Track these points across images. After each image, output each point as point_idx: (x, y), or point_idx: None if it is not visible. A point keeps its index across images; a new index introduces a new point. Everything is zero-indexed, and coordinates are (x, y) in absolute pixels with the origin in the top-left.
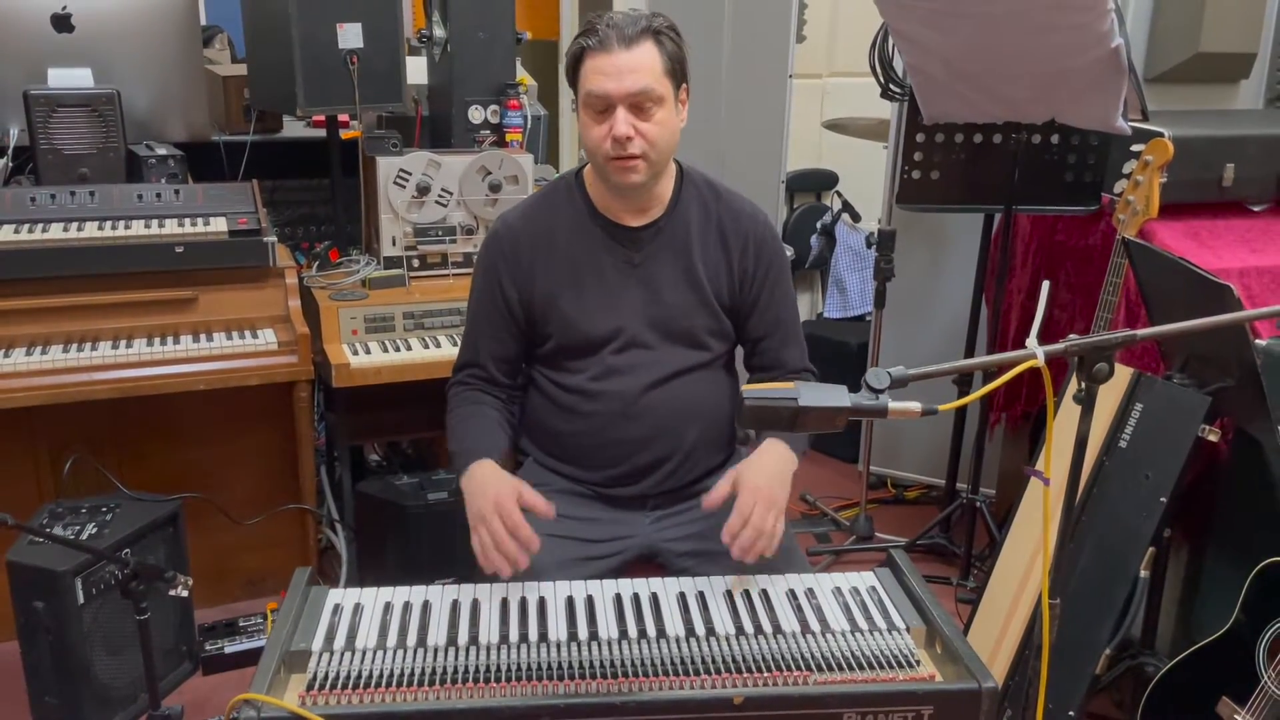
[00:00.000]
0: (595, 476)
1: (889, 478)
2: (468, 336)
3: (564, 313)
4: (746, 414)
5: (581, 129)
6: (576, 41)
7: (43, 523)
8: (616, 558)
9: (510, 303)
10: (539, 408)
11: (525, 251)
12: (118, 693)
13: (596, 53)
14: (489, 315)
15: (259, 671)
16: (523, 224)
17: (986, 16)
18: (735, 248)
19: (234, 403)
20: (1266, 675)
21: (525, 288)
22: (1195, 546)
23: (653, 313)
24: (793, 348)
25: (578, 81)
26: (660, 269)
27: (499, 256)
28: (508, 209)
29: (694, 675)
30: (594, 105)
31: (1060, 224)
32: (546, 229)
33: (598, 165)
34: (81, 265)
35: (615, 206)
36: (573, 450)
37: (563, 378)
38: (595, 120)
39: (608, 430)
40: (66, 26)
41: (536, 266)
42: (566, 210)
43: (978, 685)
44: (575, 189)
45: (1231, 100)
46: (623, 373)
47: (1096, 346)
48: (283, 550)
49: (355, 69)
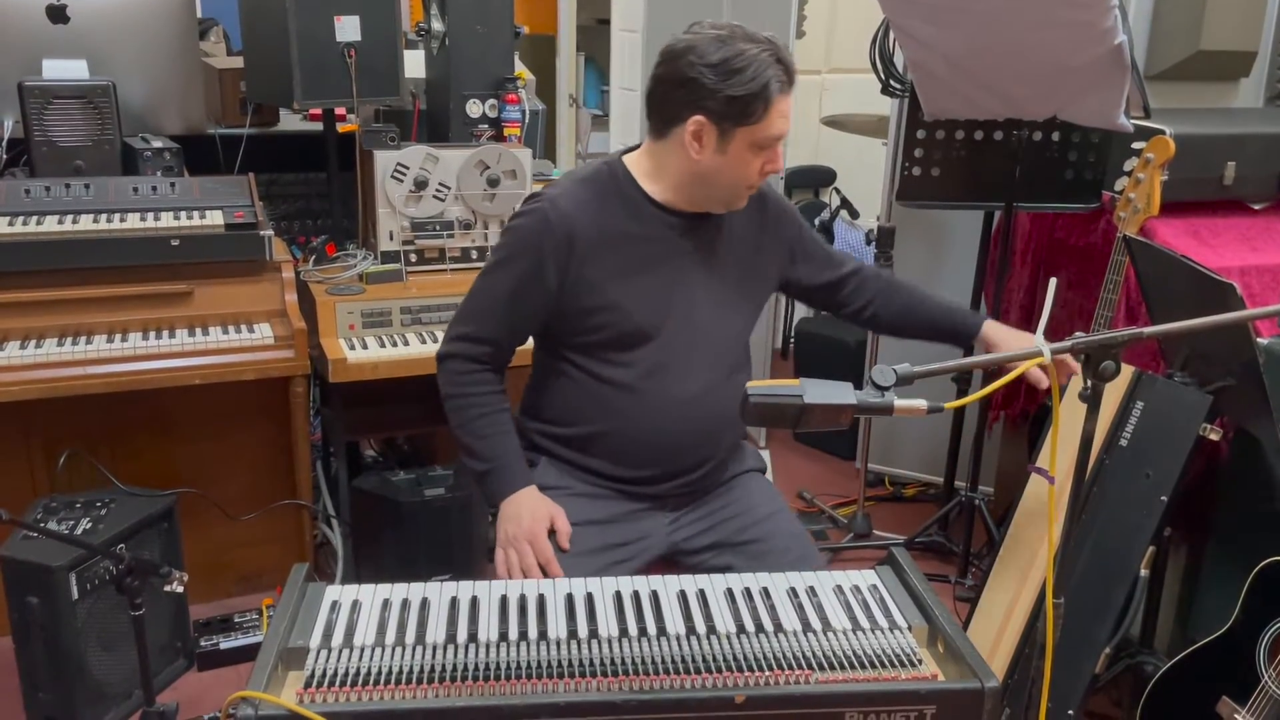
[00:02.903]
0: (625, 474)
1: (887, 475)
2: (480, 310)
3: (618, 303)
4: (751, 411)
5: (732, 164)
6: (770, 79)
7: (37, 518)
8: (636, 560)
9: (548, 289)
10: (571, 400)
11: (579, 240)
12: (112, 689)
13: (785, 92)
14: (517, 295)
15: (256, 669)
16: (576, 211)
17: (989, 12)
18: (779, 228)
19: (229, 398)
20: (1267, 675)
21: (573, 276)
22: (1195, 545)
23: (705, 304)
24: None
25: (758, 120)
26: (714, 259)
27: (547, 241)
28: (551, 192)
29: (695, 674)
30: (766, 145)
31: (1061, 221)
32: (600, 217)
33: (727, 191)
34: (76, 258)
35: (677, 199)
36: (605, 446)
37: (607, 370)
38: (756, 156)
39: (650, 429)
40: (62, 18)
41: (590, 255)
42: (620, 200)
43: (980, 685)
44: (624, 178)
45: (1232, 98)
46: (672, 370)
47: (1103, 344)
48: (278, 546)
49: (353, 62)
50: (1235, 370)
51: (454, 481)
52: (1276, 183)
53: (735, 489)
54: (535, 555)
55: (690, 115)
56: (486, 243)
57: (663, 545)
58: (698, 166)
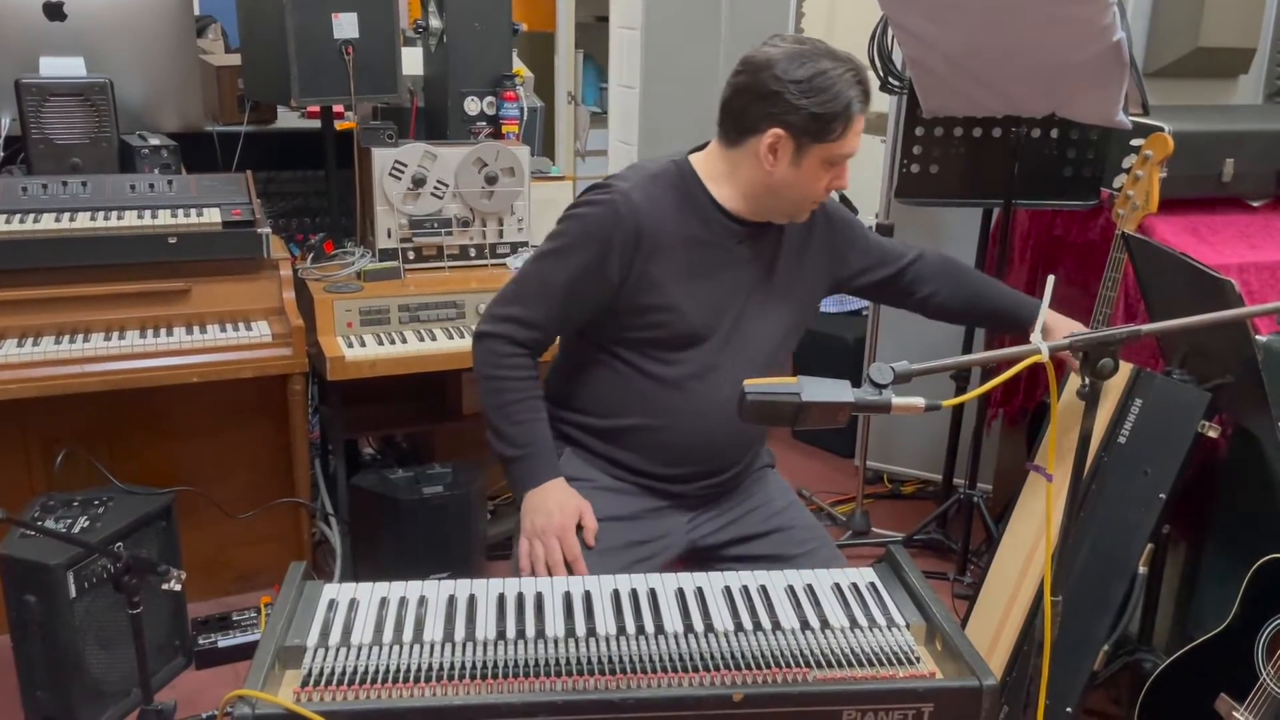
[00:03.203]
0: (655, 469)
1: (885, 473)
2: (533, 294)
3: (677, 304)
4: (749, 409)
5: (803, 178)
6: (852, 98)
7: (34, 516)
8: (658, 558)
9: (609, 282)
10: (609, 391)
11: (647, 236)
12: (110, 687)
13: (863, 113)
14: (577, 284)
15: (253, 667)
16: (647, 206)
17: (988, 10)
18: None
19: (227, 396)
20: (1265, 672)
21: (636, 272)
22: (1194, 543)
23: (756, 311)
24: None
25: (836, 138)
26: (770, 268)
27: (616, 233)
28: (622, 185)
29: (693, 672)
30: (837, 162)
31: (1059, 219)
32: (669, 216)
33: (793, 203)
34: (73, 256)
35: (741, 207)
36: (640, 440)
37: (652, 367)
38: (826, 172)
39: (689, 429)
40: (59, 15)
41: (655, 253)
42: (688, 201)
43: (978, 683)
44: (691, 179)
45: (1230, 95)
46: (717, 373)
47: (1102, 342)
48: (276, 544)
49: (350, 59)
50: (1234, 367)
51: (452, 479)
52: (1275, 180)
53: (750, 486)
54: (563, 551)
55: (769, 128)
56: (484, 240)
57: (682, 543)
58: (769, 178)
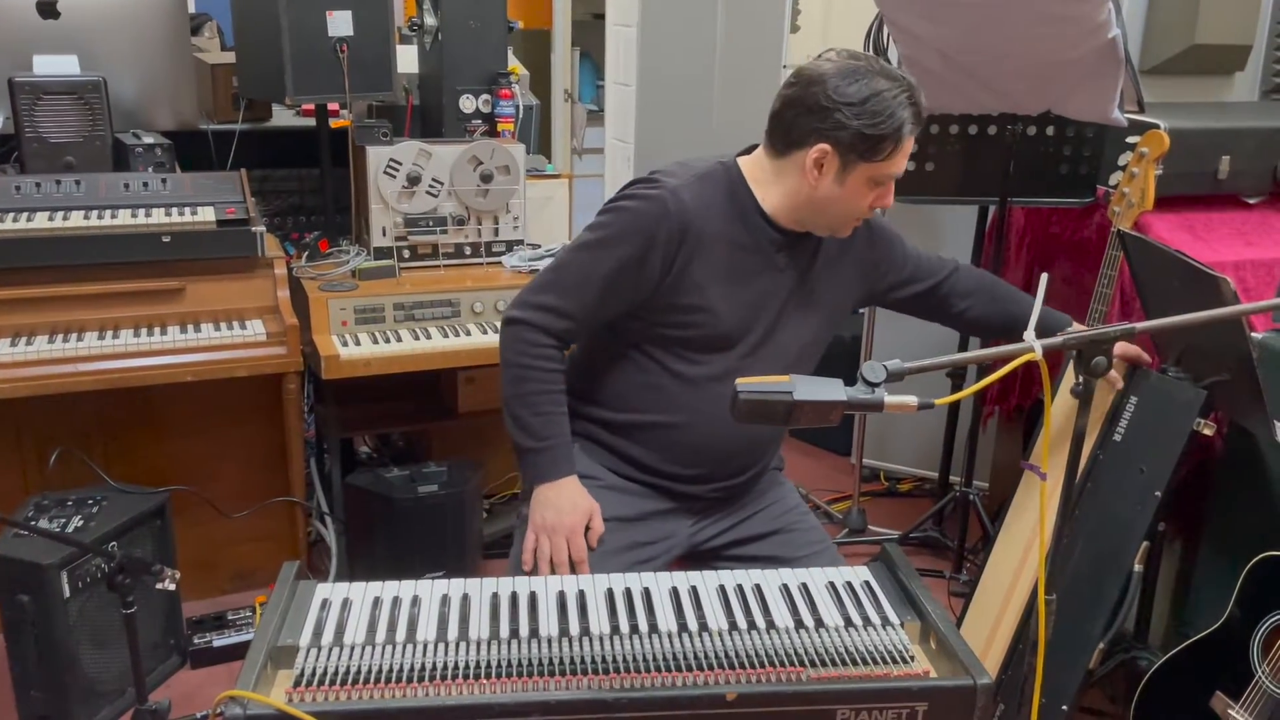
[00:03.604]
0: (667, 468)
1: (882, 470)
2: (571, 285)
3: (713, 307)
4: (741, 408)
5: (847, 195)
6: (904, 120)
7: (28, 516)
8: (660, 560)
9: (650, 278)
10: (629, 386)
11: (692, 235)
12: (104, 686)
13: (913, 134)
14: (617, 277)
15: (245, 667)
16: (696, 205)
17: (982, 7)
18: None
19: (222, 394)
20: (1261, 670)
21: (677, 270)
22: (1189, 540)
23: (787, 320)
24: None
25: (884, 158)
26: (805, 278)
27: (663, 229)
28: (670, 181)
29: (686, 671)
30: (883, 181)
31: (1055, 216)
32: (715, 217)
33: (837, 218)
34: (67, 255)
35: (784, 216)
36: (656, 437)
37: (679, 366)
38: (871, 190)
39: (708, 431)
40: (52, 13)
41: (698, 254)
42: (733, 202)
43: (972, 681)
44: (739, 183)
45: (1227, 92)
46: (745, 376)
47: (1095, 340)
48: (271, 543)
49: (345, 57)
50: (1230, 365)
51: (448, 478)
52: (1271, 177)
53: (758, 488)
54: (570, 551)
55: (817, 143)
56: (480, 238)
57: (684, 545)
58: (813, 192)
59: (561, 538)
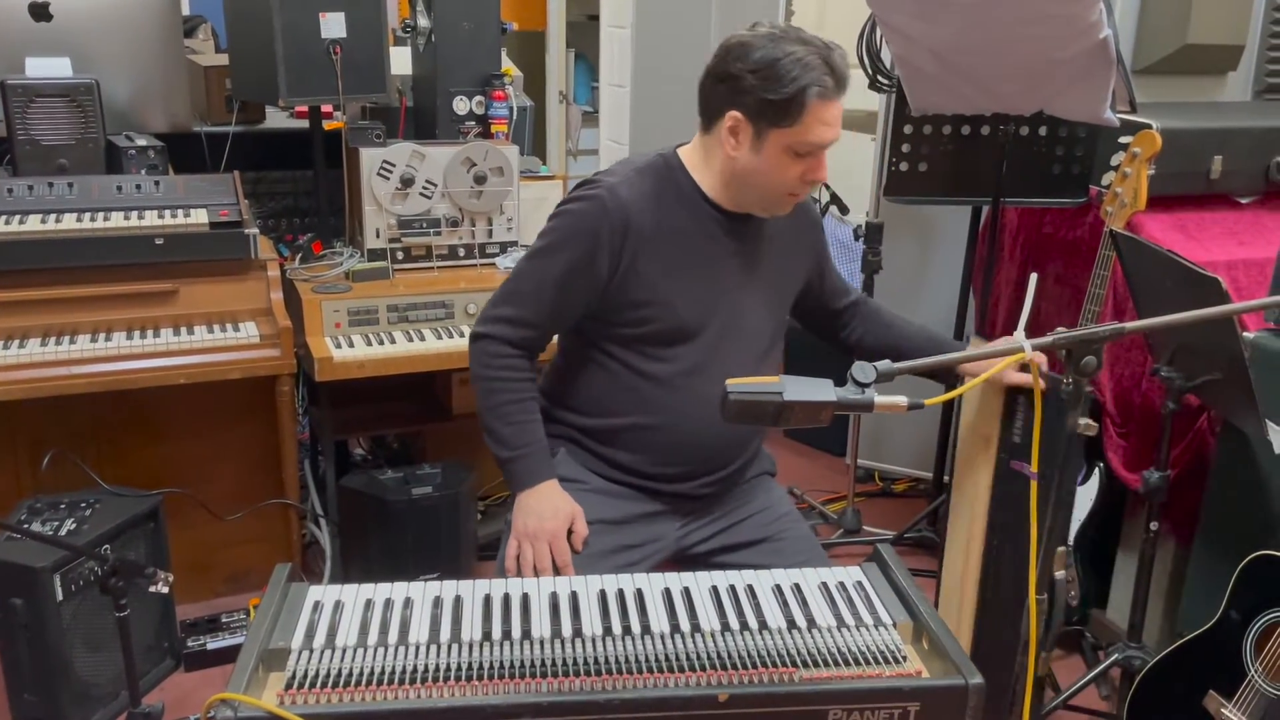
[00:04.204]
0: (650, 469)
1: (877, 471)
2: (526, 294)
3: (667, 298)
4: (731, 408)
5: (768, 166)
6: (810, 84)
7: (21, 519)
8: (647, 563)
9: (599, 277)
10: (604, 390)
11: (635, 230)
12: (98, 690)
13: (828, 100)
14: (567, 282)
15: (236, 670)
16: (635, 200)
17: (974, 7)
18: (811, 237)
19: (215, 397)
20: (1254, 669)
21: (625, 267)
22: (1182, 540)
23: (747, 305)
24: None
25: (792, 123)
26: (758, 261)
27: (605, 228)
28: (609, 180)
29: (678, 672)
30: (804, 151)
31: (1048, 216)
32: (656, 209)
33: (767, 195)
34: (60, 257)
35: (722, 197)
36: (635, 440)
37: (646, 364)
38: (794, 162)
39: (685, 428)
40: (45, 15)
41: (644, 247)
42: (674, 193)
43: (964, 681)
44: (679, 170)
45: (1219, 92)
46: (711, 370)
47: (1084, 340)
48: (265, 546)
49: (338, 59)
50: (1222, 364)
51: (442, 480)
52: (1264, 177)
53: (748, 492)
54: (553, 556)
55: (728, 110)
56: (474, 240)
57: (671, 548)
58: (735, 164)
59: (544, 543)
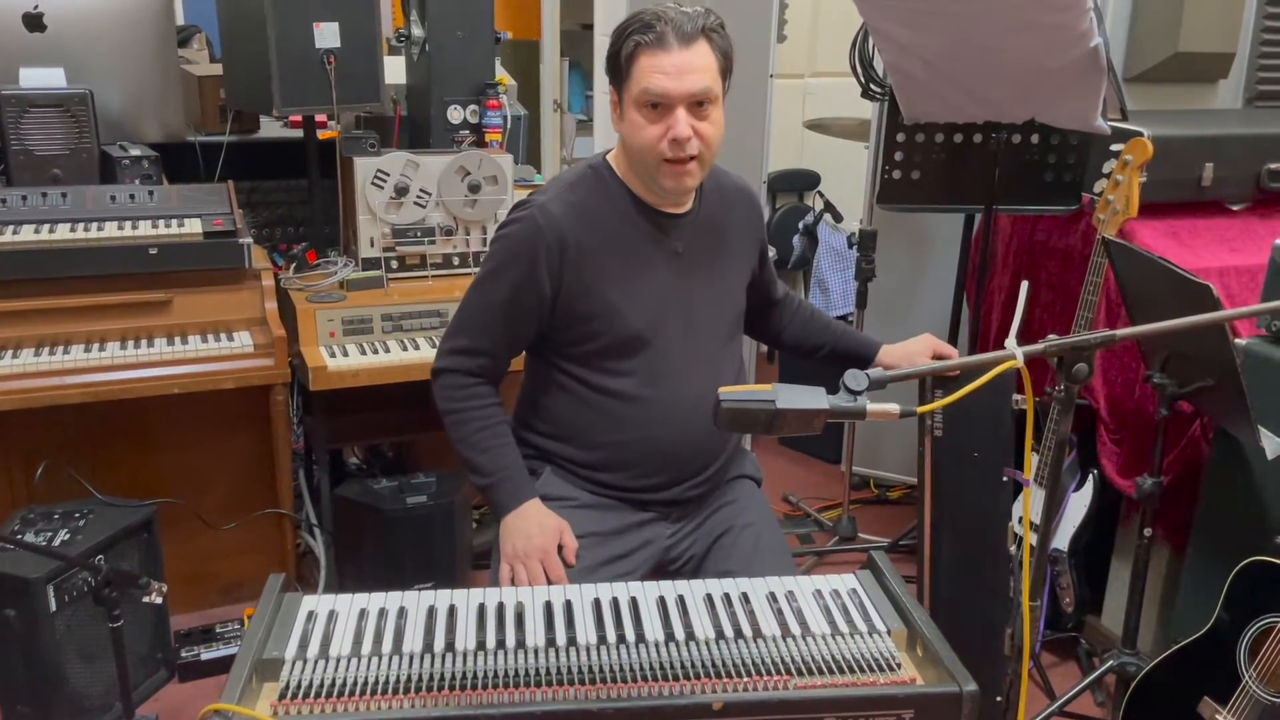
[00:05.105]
0: (635, 484)
1: (871, 478)
2: (474, 323)
3: (614, 307)
4: (724, 416)
5: (630, 130)
6: (628, 37)
7: (14, 529)
8: (638, 572)
9: (542, 296)
10: (573, 414)
11: (571, 245)
12: (92, 701)
13: (654, 50)
14: (512, 305)
15: (230, 680)
16: (566, 215)
17: (965, 16)
18: (751, 224)
19: (210, 406)
20: (1248, 675)
21: (567, 282)
22: (1176, 546)
23: (699, 303)
24: (783, 290)
25: (627, 78)
26: (702, 257)
27: (539, 248)
28: (539, 198)
29: (673, 680)
30: (650, 104)
31: (1040, 224)
32: (591, 221)
33: (648, 166)
34: (53, 268)
35: (654, 197)
36: (613, 460)
37: (606, 381)
38: (650, 120)
39: (657, 438)
40: (38, 26)
41: (584, 260)
42: (607, 200)
43: (958, 688)
44: (609, 178)
45: (1210, 100)
46: (672, 374)
47: (1075, 347)
48: (260, 555)
49: (332, 69)
50: (1214, 371)
51: (436, 489)
52: (1255, 184)
53: (729, 494)
54: (547, 573)
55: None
56: (468, 249)
57: (660, 555)
58: (623, 143)
59: (535, 561)
